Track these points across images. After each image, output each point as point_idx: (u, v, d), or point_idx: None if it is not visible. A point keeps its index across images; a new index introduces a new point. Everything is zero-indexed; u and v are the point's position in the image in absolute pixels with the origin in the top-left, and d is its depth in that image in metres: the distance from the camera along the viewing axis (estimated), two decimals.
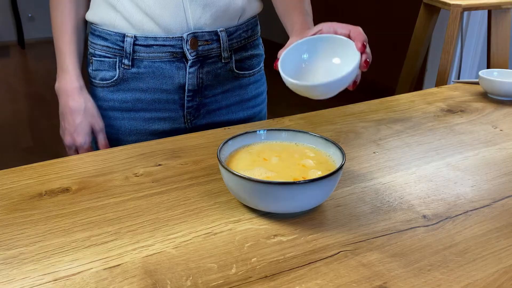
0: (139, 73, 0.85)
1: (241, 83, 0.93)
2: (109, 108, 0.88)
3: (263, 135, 0.66)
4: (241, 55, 0.91)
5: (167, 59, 0.84)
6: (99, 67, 0.86)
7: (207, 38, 0.84)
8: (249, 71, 0.94)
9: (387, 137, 0.80)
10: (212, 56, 0.86)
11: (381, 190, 0.63)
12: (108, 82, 0.86)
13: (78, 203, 0.60)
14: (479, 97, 1.01)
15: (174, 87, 0.86)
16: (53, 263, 0.49)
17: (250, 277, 0.47)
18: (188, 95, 0.87)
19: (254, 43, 0.94)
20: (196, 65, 0.85)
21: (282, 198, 0.54)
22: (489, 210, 0.59)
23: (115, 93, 0.86)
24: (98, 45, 0.86)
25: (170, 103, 0.88)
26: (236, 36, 0.88)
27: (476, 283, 0.47)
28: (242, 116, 0.96)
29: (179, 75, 0.85)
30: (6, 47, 5.21)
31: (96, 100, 0.88)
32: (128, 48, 0.83)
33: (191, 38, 0.82)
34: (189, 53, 0.83)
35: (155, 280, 0.47)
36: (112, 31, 0.83)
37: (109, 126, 0.88)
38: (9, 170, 0.68)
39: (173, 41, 0.83)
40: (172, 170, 0.68)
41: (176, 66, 0.85)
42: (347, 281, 0.47)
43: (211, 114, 0.92)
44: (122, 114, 0.88)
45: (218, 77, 0.89)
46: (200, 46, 0.84)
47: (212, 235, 0.53)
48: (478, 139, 0.80)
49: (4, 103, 3.55)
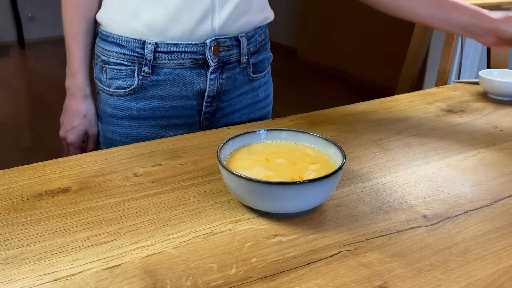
0: (159, 81, 0.83)
1: (253, 86, 0.93)
2: (125, 117, 0.86)
3: (263, 135, 0.66)
4: (256, 59, 0.91)
5: (188, 66, 0.82)
6: (114, 75, 0.84)
7: (228, 44, 0.84)
8: (261, 73, 0.94)
9: (387, 137, 0.81)
10: (231, 62, 0.86)
11: (381, 190, 0.63)
12: (125, 91, 0.84)
13: (78, 203, 0.60)
14: (479, 97, 1.01)
15: (193, 93, 0.85)
16: (53, 263, 0.49)
17: (250, 277, 0.47)
18: (207, 101, 0.87)
19: (266, 45, 0.94)
20: (217, 71, 0.84)
21: (282, 198, 0.54)
22: (489, 210, 0.59)
23: (132, 102, 0.84)
24: (113, 52, 0.83)
25: (188, 109, 0.86)
26: (253, 40, 0.89)
27: (476, 283, 0.47)
28: (253, 117, 0.96)
29: (199, 81, 0.84)
30: (6, 47, 5.21)
31: (111, 109, 0.86)
32: (149, 55, 0.80)
33: (213, 45, 0.81)
34: (211, 60, 0.82)
35: (155, 280, 0.47)
36: (130, 38, 0.81)
37: (124, 135, 0.87)
38: (9, 170, 0.68)
39: (195, 48, 0.81)
40: (172, 170, 0.68)
41: (197, 72, 0.83)
42: (347, 281, 0.47)
43: (225, 117, 0.92)
44: (139, 123, 0.86)
45: (235, 82, 0.89)
46: (221, 52, 0.83)
47: (212, 235, 0.54)
48: (478, 139, 0.80)
49: (4, 103, 3.55)
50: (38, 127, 3.09)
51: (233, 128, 0.84)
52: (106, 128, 0.89)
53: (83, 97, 0.89)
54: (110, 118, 0.87)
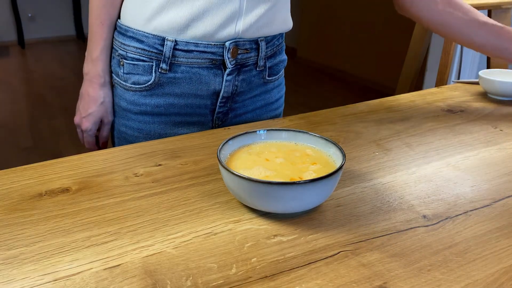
0: (176, 78, 0.83)
1: (267, 88, 0.94)
2: (140, 112, 0.86)
3: (263, 135, 0.66)
4: (272, 62, 0.91)
5: (205, 66, 0.83)
6: (131, 70, 0.83)
7: (247, 47, 0.84)
8: (275, 76, 0.94)
9: (387, 137, 0.81)
10: (248, 64, 0.86)
11: (381, 190, 0.63)
12: (141, 87, 0.84)
13: (78, 203, 0.60)
14: (479, 97, 1.01)
15: (208, 93, 0.85)
16: (53, 263, 0.49)
17: (250, 277, 0.47)
18: (221, 101, 0.87)
19: (282, 49, 0.95)
20: (233, 73, 0.85)
21: (282, 198, 0.54)
22: (489, 210, 0.59)
23: (147, 98, 0.84)
24: (132, 47, 0.82)
25: (201, 108, 0.87)
26: (271, 44, 0.89)
27: (476, 283, 0.47)
28: (265, 118, 0.96)
29: (215, 82, 0.84)
30: (6, 47, 5.21)
31: (126, 103, 0.86)
32: (167, 52, 0.80)
33: (233, 47, 0.81)
34: (229, 61, 0.82)
35: (155, 280, 0.47)
36: (150, 34, 0.80)
37: (138, 129, 0.87)
38: (9, 170, 0.68)
39: (214, 48, 0.81)
40: (172, 170, 0.68)
41: (213, 73, 0.83)
42: (347, 281, 0.47)
43: (237, 117, 0.92)
44: (152, 119, 0.86)
45: (250, 84, 0.89)
46: (239, 55, 0.83)
47: (212, 235, 0.54)
48: (478, 139, 0.80)
49: (4, 103, 3.55)
50: (38, 127, 3.09)
51: (233, 128, 0.84)
52: (120, 122, 0.89)
53: (102, 84, 0.87)
54: (125, 113, 0.88)
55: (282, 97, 1.00)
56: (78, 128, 0.92)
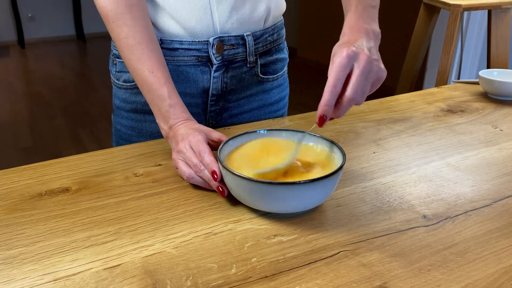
0: None
1: (264, 87, 0.93)
2: (132, 110, 0.87)
3: (263, 135, 0.66)
4: (266, 59, 0.90)
5: (192, 63, 0.83)
6: (122, 68, 0.85)
7: (233, 43, 0.83)
8: (273, 75, 0.93)
9: (387, 137, 0.81)
10: (237, 61, 0.86)
11: (381, 190, 0.63)
12: (131, 84, 0.85)
13: (78, 203, 0.60)
14: (479, 97, 1.01)
15: (198, 91, 0.85)
16: (53, 263, 0.49)
17: (250, 277, 0.47)
18: (212, 99, 0.87)
19: (279, 47, 0.93)
20: (221, 70, 0.84)
21: (282, 198, 0.54)
22: (489, 210, 0.59)
23: (138, 96, 0.85)
24: None
25: (192, 106, 0.86)
26: (262, 40, 0.88)
27: (476, 283, 0.47)
28: (264, 120, 0.95)
29: (203, 79, 0.84)
30: (6, 47, 5.21)
31: (119, 101, 0.87)
32: None
33: (217, 43, 0.81)
34: (214, 58, 0.82)
35: (155, 280, 0.47)
36: None
37: (131, 127, 0.88)
38: (9, 170, 0.68)
39: (199, 45, 0.81)
40: (172, 170, 0.68)
41: (201, 70, 0.84)
42: (347, 281, 0.47)
43: (233, 118, 0.92)
44: (144, 117, 0.86)
45: (242, 82, 0.89)
46: (225, 51, 0.83)
47: (212, 235, 0.53)
48: (478, 139, 0.80)
49: (4, 103, 3.55)
50: (38, 127, 3.09)
51: (233, 128, 0.84)
52: (116, 120, 0.91)
53: (193, 124, 0.70)
54: (119, 111, 0.89)
55: (285, 99, 0.99)
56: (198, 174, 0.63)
